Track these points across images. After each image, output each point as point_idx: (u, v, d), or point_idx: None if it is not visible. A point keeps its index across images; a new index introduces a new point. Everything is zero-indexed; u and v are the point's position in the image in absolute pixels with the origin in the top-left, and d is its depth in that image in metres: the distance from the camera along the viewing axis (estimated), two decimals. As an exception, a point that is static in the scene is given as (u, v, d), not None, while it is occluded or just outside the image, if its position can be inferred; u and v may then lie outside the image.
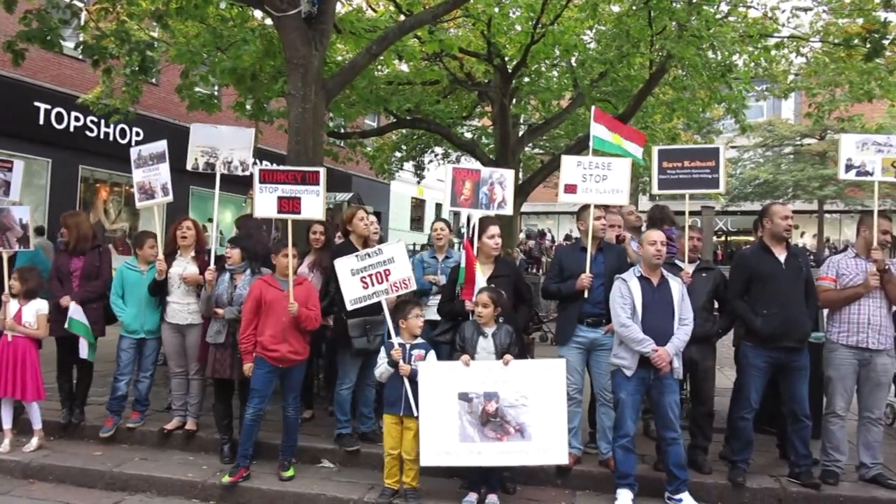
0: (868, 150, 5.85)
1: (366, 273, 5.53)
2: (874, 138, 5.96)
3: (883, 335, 5.46)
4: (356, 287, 5.54)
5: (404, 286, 5.53)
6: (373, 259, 5.54)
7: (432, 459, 5.05)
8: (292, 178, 5.91)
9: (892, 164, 5.80)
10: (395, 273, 5.52)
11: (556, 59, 14.91)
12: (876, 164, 5.83)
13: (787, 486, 5.40)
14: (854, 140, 5.95)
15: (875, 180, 5.88)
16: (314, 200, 5.87)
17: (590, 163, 6.03)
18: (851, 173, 5.92)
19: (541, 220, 38.50)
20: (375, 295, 5.53)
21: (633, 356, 5.12)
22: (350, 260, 5.58)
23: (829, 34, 13.67)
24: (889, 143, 5.83)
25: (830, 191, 30.26)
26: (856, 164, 5.87)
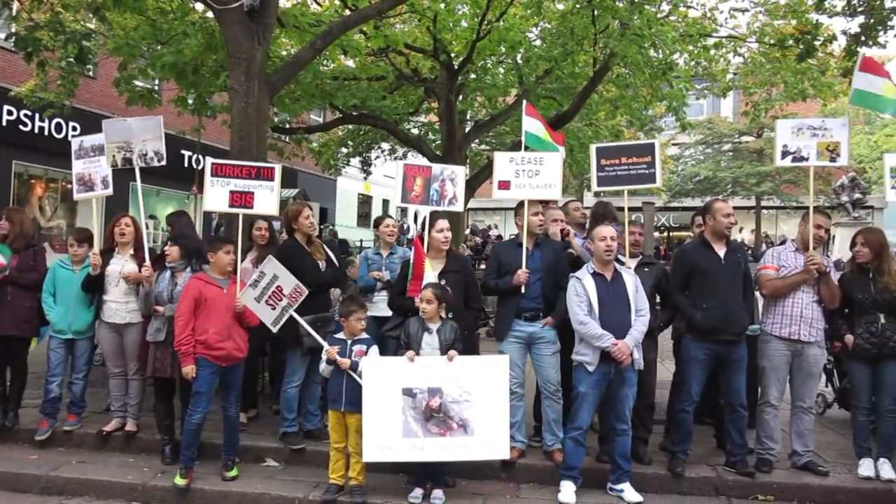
0: (803, 134, 5.96)
1: (266, 296, 5.48)
2: (809, 122, 6.04)
3: (814, 327, 5.65)
4: (267, 312, 5.51)
5: (298, 294, 5.51)
6: (263, 282, 5.49)
7: (375, 455, 5.05)
8: (246, 173, 5.85)
9: (826, 149, 5.93)
10: (285, 287, 5.49)
11: (502, 56, 14.99)
12: (811, 148, 5.95)
13: (723, 474, 5.56)
14: (790, 125, 6.05)
15: (811, 165, 6.03)
16: (268, 196, 5.83)
17: (522, 158, 6.08)
18: (787, 159, 6.04)
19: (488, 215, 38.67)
20: (284, 311, 5.51)
21: (594, 352, 5.19)
22: (248, 291, 5.50)
23: (764, 35, 14.11)
24: (824, 127, 5.95)
25: (767, 187, 31.13)
26: (791, 150, 6.00)
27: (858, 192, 22.47)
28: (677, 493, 5.46)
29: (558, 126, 13.74)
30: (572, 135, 16.63)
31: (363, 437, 5.05)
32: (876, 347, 5.53)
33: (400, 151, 22.11)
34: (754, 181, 31.34)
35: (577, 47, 12.56)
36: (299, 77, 10.81)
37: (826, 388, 7.52)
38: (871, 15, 8.76)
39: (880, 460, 5.55)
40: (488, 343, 6.14)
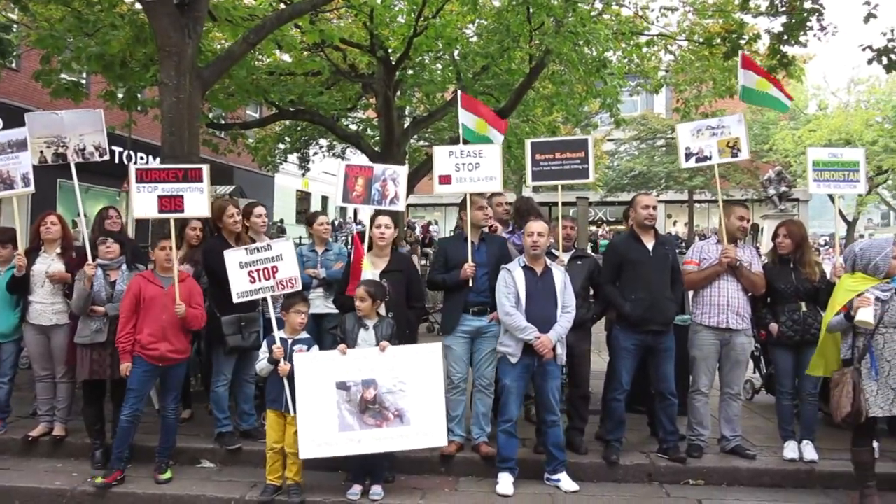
0: (703, 135, 6.22)
1: (254, 267, 5.42)
2: (707, 123, 6.33)
3: (741, 315, 5.84)
4: (243, 280, 5.43)
5: (290, 285, 5.46)
6: (262, 254, 5.44)
7: (311, 451, 5.02)
8: (173, 176, 5.72)
9: (727, 145, 6.18)
10: (283, 271, 5.44)
11: (439, 52, 15.04)
12: (713, 147, 6.20)
13: (656, 461, 5.70)
14: (688, 128, 6.31)
15: (715, 163, 6.26)
16: (198, 198, 5.71)
17: (462, 152, 6.11)
18: (692, 161, 6.29)
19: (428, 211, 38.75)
20: (261, 291, 5.44)
21: (517, 344, 5.26)
22: (240, 252, 5.47)
23: (694, 33, 14.48)
24: (722, 125, 6.22)
25: (699, 181, 31.98)
26: (694, 152, 6.24)
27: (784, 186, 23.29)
28: (612, 480, 5.58)
29: (496, 121, 13.84)
30: (510, 131, 16.74)
31: (299, 435, 5.01)
32: (798, 334, 5.74)
33: (338, 147, 21.93)
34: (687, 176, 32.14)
35: (514, 44, 12.68)
36: (233, 72, 10.61)
37: (754, 375, 7.78)
38: (792, 15, 9.08)
39: (803, 442, 5.78)
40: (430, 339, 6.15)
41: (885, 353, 4.89)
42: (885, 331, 4.89)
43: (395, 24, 13.60)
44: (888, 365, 4.87)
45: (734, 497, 5.33)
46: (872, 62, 8.35)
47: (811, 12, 8.94)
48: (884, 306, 4.89)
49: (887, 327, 4.88)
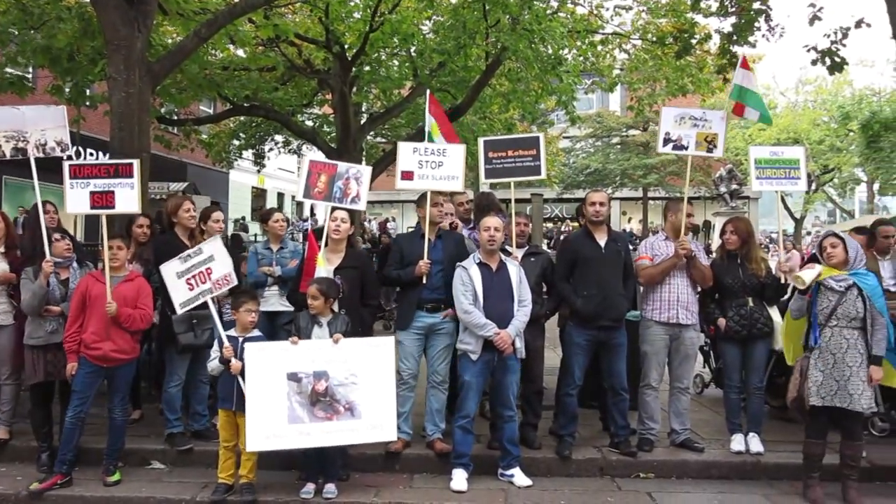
0: (685, 123, 6.29)
1: (190, 274, 5.39)
2: (691, 112, 6.37)
3: (690, 311, 5.96)
4: (183, 290, 5.39)
5: (226, 282, 5.43)
6: (195, 259, 5.41)
7: (260, 444, 4.97)
8: (104, 172, 5.64)
9: (705, 139, 6.27)
10: (217, 271, 5.41)
11: (396, 49, 15.01)
12: (691, 138, 6.28)
13: (608, 455, 5.78)
14: (673, 113, 6.36)
15: (689, 154, 6.35)
16: (129, 194, 5.64)
17: (426, 149, 6.13)
18: (668, 147, 6.36)
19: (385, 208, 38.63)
20: (201, 295, 5.40)
21: (477, 341, 5.29)
22: (174, 263, 5.42)
23: (647, 32, 14.69)
24: (704, 118, 6.30)
25: (653, 179, 32.49)
26: (673, 138, 6.31)
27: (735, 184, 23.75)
28: (565, 475, 5.63)
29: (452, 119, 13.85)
30: (467, 128, 16.83)
31: (247, 427, 4.96)
32: (745, 329, 5.87)
33: (294, 144, 21.76)
34: (641, 173, 32.64)
35: (470, 41, 12.71)
36: (185, 66, 10.45)
37: (704, 370, 7.93)
38: (741, 16, 9.28)
39: (750, 435, 5.91)
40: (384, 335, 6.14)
41: (830, 346, 5.05)
42: (836, 324, 5.05)
43: (350, 20, 13.55)
44: (833, 358, 5.02)
45: (683, 489, 5.44)
46: (817, 63, 8.57)
47: (759, 13, 9.13)
48: (839, 299, 5.04)
49: (839, 320, 5.04)
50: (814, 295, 5.18)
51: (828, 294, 5.10)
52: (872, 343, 5.01)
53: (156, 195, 19.33)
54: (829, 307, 5.07)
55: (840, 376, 4.99)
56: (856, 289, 5.04)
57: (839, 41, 8.46)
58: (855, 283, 5.04)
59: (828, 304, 5.08)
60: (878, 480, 5.59)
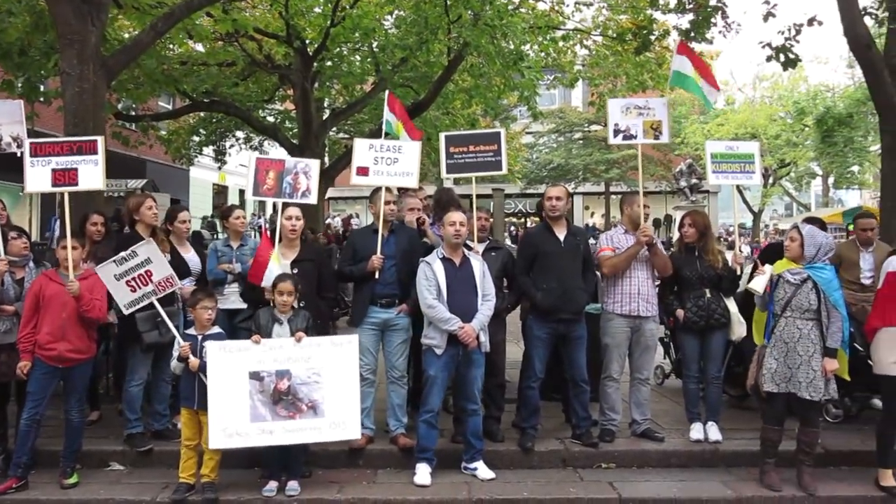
0: (631, 113, 6.40)
1: (129, 276, 5.33)
2: (635, 101, 6.50)
3: (650, 303, 6.05)
4: (125, 292, 5.34)
5: (168, 285, 5.40)
6: (131, 262, 5.34)
7: (222, 442, 4.95)
8: (67, 149, 5.59)
9: (651, 127, 6.38)
10: (156, 273, 5.38)
11: (358, 44, 14.92)
12: (638, 127, 6.39)
13: (570, 446, 5.85)
14: (619, 105, 6.48)
15: (639, 143, 6.45)
16: (92, 170, 5.60)
17: (381, 146, 6.14)
18: (619, 137, 6.47)
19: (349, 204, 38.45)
20: (145, 297, 5.36)
21: (441, 335, 5.31)
22: (109, 266, 5.35)
23: (607, 29, 14.82)
24: (648, 106, 6.42)
25: (615, 173, 32.86)
26: (622, 129, 6.41)
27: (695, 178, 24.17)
28: (528, 467, 5.69)
29: (415, 115, 13.86)
30: (430, 123, 16.81)
31: (209, 425, 4.94)
32: (703, 319, 5.98)
33: (255, 140, 21.50)
34: (603, 168, 32.98)
35: (432, 36, 12.70)
36: (141, 61, 10.28)
37: (664, 361, 8.06)
38: (699, 13, 9.41)
39: (708, 423, 6.03)
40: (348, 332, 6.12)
41: (784, 335, 5.18)
42: (790, 314, 5.18)
43: (311, 15, 13.43)
44: (786, 346, 5.16)
45: (644, 478, 5.52)
46: (771, 59, 8.74)
47: (715, 10, 9.28)
48: (795, 291, 5.16)
49: (793, 311, 5.17)
50: (773, 287, 5.30)
51: (784, 286, 5.23)
52: (827, 335, 5.14)
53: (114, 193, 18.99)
54: (784, 298, 5.20)
55: (792, 364, 5.13)
56: (811, 282, 5.17)
57: (792, 38, 8.63)
58: (810, 277, 5.17)
59: (784, 295, 5.21)
60: (832, 465, 5.75)
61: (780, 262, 5.38)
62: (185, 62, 13.53)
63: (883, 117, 8.05)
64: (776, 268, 5.35)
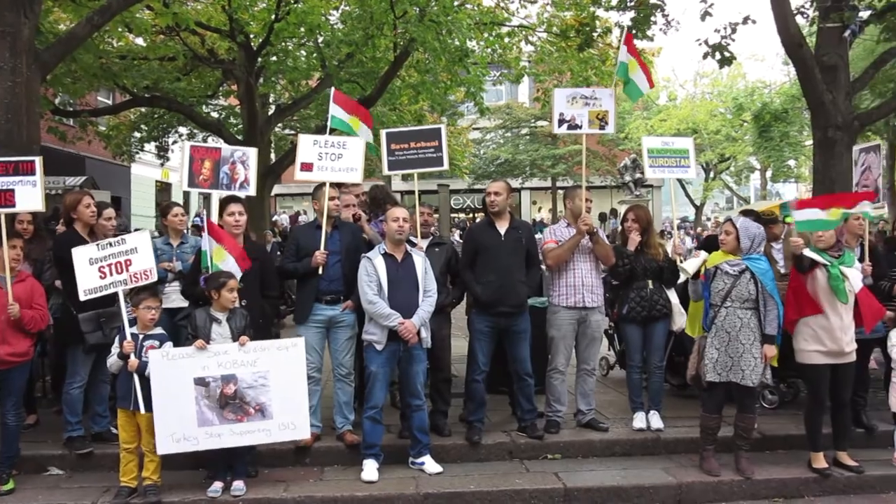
0: (577, 103, 6.47)
1: (105, 263, 5.19)
2: (581, 91, 6.59)
3: (595, 294, 6.15)
4: (92, 277, 5.19)
5: (145, 277, 5.25)
6: (114, 248, 5.22)
7: (170, 447, 4.90)
8: (3, 169, 5.36)
9: (596, 117, 6.47)
10: (137, 264, 5.23)
11: (303, 39, 14.79)
12: (584, 117, 6.46)
13: (516, 439, 5.92)
14: (564, 94, 6.54)
15: (584, 133, 6.53)
16: (31, 192, 5.40)
17: (325, 142, 6.10)
18: (563, 127, 6.54)
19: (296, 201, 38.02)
20: (112, 286, 5.21)
21: (382, 331, 5.30)
22: (90, 249, 5.23)
23: (552, 25, 14.97)
24: (594, 97, 6.50)
25: (561, 169, 33.16)
26: (567, 118, 6.48)
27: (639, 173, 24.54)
28: (475, 460, 5.74)
29: (363, 110, 13.78)
30: (377, 119, 16.70)
31: (156, 431, 4.87)
32: (646, 310, 6.11)
33: (199, 136, 21.13)
34: (550, 163, 33.25)
35: (378, 32, 12.67)
36: (78, 55, 10.02)
37: (609, 353, 8.21)
38: (639, 10, 9.59)
39: (651, 412, 6.17)
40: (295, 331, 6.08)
41: (725, 325, 5.33)
42: (731, 305, 5.33)
43: (255, 9, 13.24)
44: (727, 336, 5.31)
45: (589, 468, 5.63)
46: (707, 57, 8.97)
47: (655, 7, 9.46)
48: (734, 282, 5.31)
49: (733, 301, 5.32)
50: (709, 279, 5.45)
51: (723, 277, 5.38)
52: (765, 323, 5.32)
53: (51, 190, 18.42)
54: (724, 289, 5.35)
55: (734, 353, 5.28)
56: (749, 272, 5.33)
57: (728, 36, 8.87)
58: (748, 268, 5.33)
59: (723, 286, 5.36)
60: (768, 450, 5.96)
61: (715, 254, 5.52)
62: (124, 56, 13.21)
63: (814, 113, 8.34)
64: (711, 259, 5.49)
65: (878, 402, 6.32)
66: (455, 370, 6.71)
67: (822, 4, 8.20)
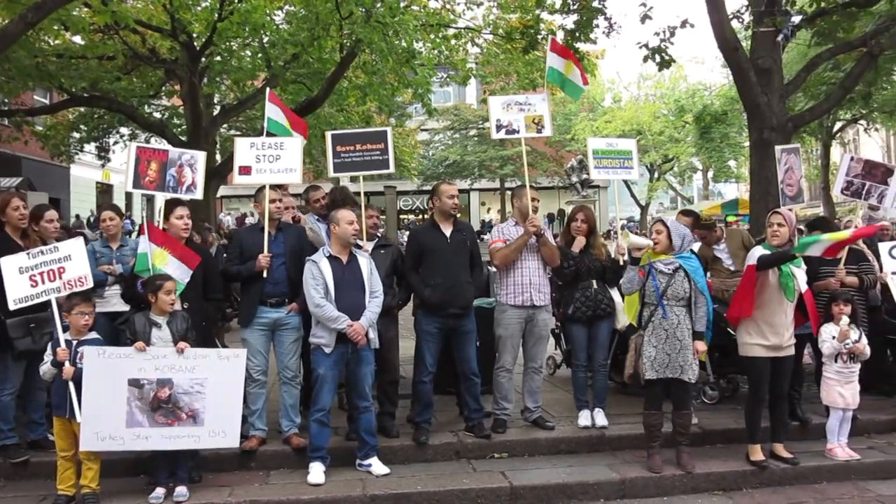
0: (512, 109, 6.59)
1: (37, 271, 5.08)
2: (515, 98, 6.73)
3: (542, 293, 6.19)
4: (23, 286, 5.08)
5: (79, 284, 5.16)
6: (46, 256, 5.12)
7: (93, 444, 4.82)
8: None
9: (532, 122, 6.58)
10: (71, 271, 5.15)
11: (248, 39, 14.61)
12: (520, 122, 6.58)
13: (463, 438, 5.95)
14: (500, 101, 6.66)
15: (521, 137, 6.63)
16: None
17: (263, 144, 6.07)
18: (502, 132, 6.64)
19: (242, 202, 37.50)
20: (45, 293, 5.10)
21: (330, 333, 5.28)
22: (20, 258, 5.11)
23: (497, 27, 15.09)
24: (528, 102, 6.63)
25: (510, 169, 33.51)
26: (504, 124, 6.59)
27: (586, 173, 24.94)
28: (422, 461, 5.74)
29: (307, 112, 13.70)
30: (324, 120, 16.65)
31: (81, 427, 4.78)
32: (591, 310, 6.20)
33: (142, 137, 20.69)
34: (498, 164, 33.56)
35: (324, 32, 12.59)
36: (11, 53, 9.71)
37: (556, 352, 8.31)
38: (582, 13, 9.73)
39: (595, 410, 6.26)
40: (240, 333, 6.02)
41: (663, 323, 5.44)
42: (667, 303, 5.45)
43: (197, 8, 13.03)
44: (665, 333, 5.43)
45: (535, 466, 5.68)
46: (647, 59, 9.16)
47: (597, 11, 9.62)
48: (669, 280, 5.43)
49: (669, 300, 5.44)
50: (647, 276, 5.57)
51: (659, 276, 5.50)
52: (695, 319, 5.46)
53: (-13, 192, 17.84)
54: (660, 288, 5.47)
55: (672, 350, 5.40)
56: (682, 271, 5.46)
57: (667, 40, 9.07)
58: (681, 266, 5.47)
59: (659, 284, 5.48)
60: (709, 444, 6.08)
61: (646, 254, 5.61)
62: (61, 55, 12.85)
63: (750, 115, 8.59)
64: (643, 259, 5.60)
65: (812, 395, 6.52)
66: (403, 371, 6.71)
67: (757, 9, 8.44)
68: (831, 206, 22.59)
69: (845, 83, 9.22)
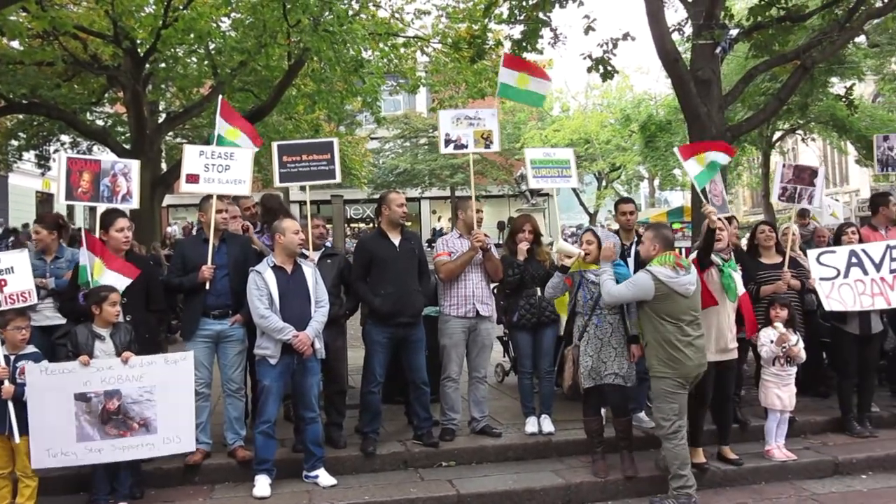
0: (461, 123, 6.65)
1: None
2: (465, 112, 6.80)
3: (486, 304, 6.27)
4: None
5: (23, 299, 5.05)
6: None
7: (46, 462, 4.73)
8: None
9: (481, 136, 6.65)
10: (13, 284, 5.04)
11: (193, 46, 14.40)
12: (469, 137, 6.64)
13: (411, 448, 5.96)
14: (449, 116, 6.72)
15: (470, 152, 6.69)
16: None
17: (213, 152, 6.00)
18: (450, 147, 6.69)
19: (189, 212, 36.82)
20: None
21: (276, 345, 5.24)
22: None
23: (446, 37, 15.17)
24: (478, 117, 6.71)
25: (460, 178, 33.59)
26: (453, 139, 6.64)
27: (535, 182, 25.16)
28: (370, 471, 5.74)
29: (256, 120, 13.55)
30: (272, 128, 16.50)
31: (31, 445, 4.68)
32: (535, 317, 6.26)
33: (84, 144, 20.22)
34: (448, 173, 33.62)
35: (271, 40, 12.46)
36: (-57, 59, 9.40)
37: (504, 359, 8.37)
38: (528, 24, 9.85)
39: (542, 416, 6.32)
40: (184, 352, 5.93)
41: (598, 332, 5.55)
42: (600, 312, 5.55)
43: (141, 14, 12.79)
44: (600, 342, 5.53)
45: (482, 473, 5.72)
46: (591, 70, 9.32)
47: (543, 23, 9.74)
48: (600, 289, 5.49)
49: (601, 309, 5.54)
50: (577, 287, 5.65)
51: (589, 286, 5.61)
52: (630, 325, 5.57)
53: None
54: (592, 298, 5.57)
55: (606, 357, 5.50)
56: None
57: (610, 51, 9.25)
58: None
59: (591, 294, 5.58)
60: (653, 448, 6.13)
61: (576, 263, 5.68)
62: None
63: (691, 125, 8.80)
64: (573, 267, 5.68)
65: (751, 398, 6.70)
66: (352, 381, 6.68)
67: (696, 22, 8.67)
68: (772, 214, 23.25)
69: (781, 94, 9.51)
